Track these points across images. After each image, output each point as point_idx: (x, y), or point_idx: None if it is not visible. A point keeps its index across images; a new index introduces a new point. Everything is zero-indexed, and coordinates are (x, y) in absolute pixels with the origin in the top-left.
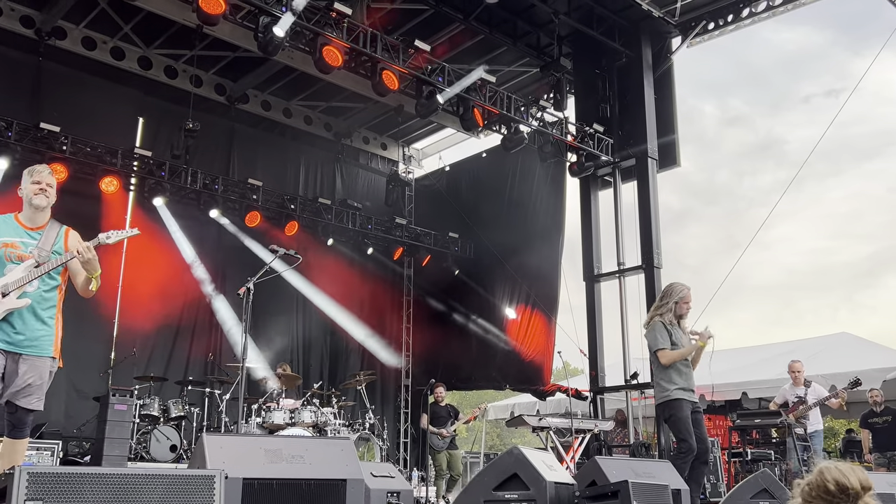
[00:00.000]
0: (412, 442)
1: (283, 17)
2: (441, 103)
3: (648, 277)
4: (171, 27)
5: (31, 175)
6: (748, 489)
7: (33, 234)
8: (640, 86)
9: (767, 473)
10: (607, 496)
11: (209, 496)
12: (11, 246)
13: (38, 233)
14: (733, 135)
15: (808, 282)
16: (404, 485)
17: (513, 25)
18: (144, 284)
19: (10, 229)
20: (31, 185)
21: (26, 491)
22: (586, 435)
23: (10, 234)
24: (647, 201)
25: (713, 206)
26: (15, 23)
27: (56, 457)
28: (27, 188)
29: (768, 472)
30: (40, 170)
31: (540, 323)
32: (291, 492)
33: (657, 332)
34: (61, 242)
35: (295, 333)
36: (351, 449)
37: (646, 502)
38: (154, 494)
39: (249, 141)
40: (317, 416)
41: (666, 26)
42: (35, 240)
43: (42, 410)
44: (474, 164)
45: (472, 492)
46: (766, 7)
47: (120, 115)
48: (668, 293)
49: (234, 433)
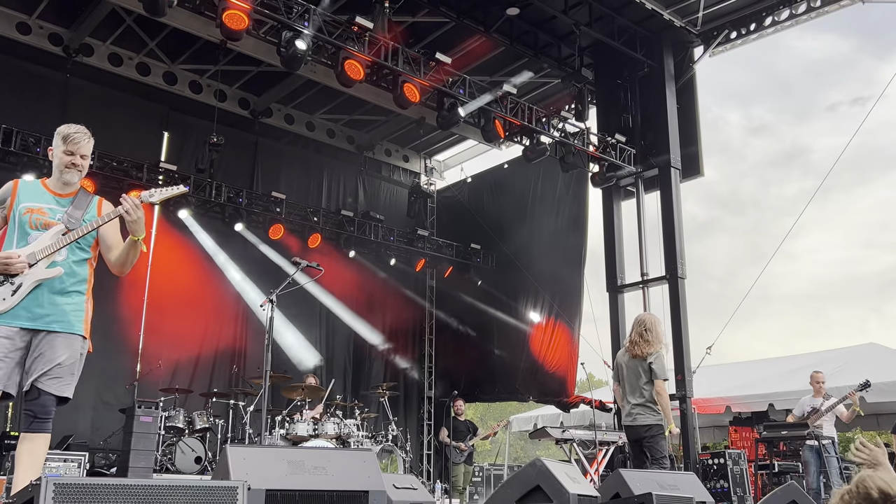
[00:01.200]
0: (435, 454)
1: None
2: (462, 115)
3: (672, 288)
4: (196, 43)
5: (65, 142)
6: (775, 502)
7: (62, 201)
8: (663, 95)
9: (795, 486)
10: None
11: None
12: (38, 212)
13: (67, 200)
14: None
15: (835, 292)
16: (427, 497)
17: (534, 37)
18: (170, 296)
19: (36, 194)
20: (64, 156)
21: (52, 502)
22: (610, 447)
23: (37, 199)
24: (670, 211)
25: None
26: (44, 40)
27: (83, 468)
28: (59, 156)
29: (795, 484)
30: (77, 138)
31: (563, 334)
32: (314, 503)
33: (664, 362)
34: (94, 212)
35: (318, 345)
36: (373, 460)
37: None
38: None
39: (273, 154)
40: (340, 427)
41: (688, 36)
42: (64, 207)
43: (71, 398)
44: (496, 175)
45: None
46: (789, 15)
47: (145, 129)
48: (658, 325)
49: (258, 444)
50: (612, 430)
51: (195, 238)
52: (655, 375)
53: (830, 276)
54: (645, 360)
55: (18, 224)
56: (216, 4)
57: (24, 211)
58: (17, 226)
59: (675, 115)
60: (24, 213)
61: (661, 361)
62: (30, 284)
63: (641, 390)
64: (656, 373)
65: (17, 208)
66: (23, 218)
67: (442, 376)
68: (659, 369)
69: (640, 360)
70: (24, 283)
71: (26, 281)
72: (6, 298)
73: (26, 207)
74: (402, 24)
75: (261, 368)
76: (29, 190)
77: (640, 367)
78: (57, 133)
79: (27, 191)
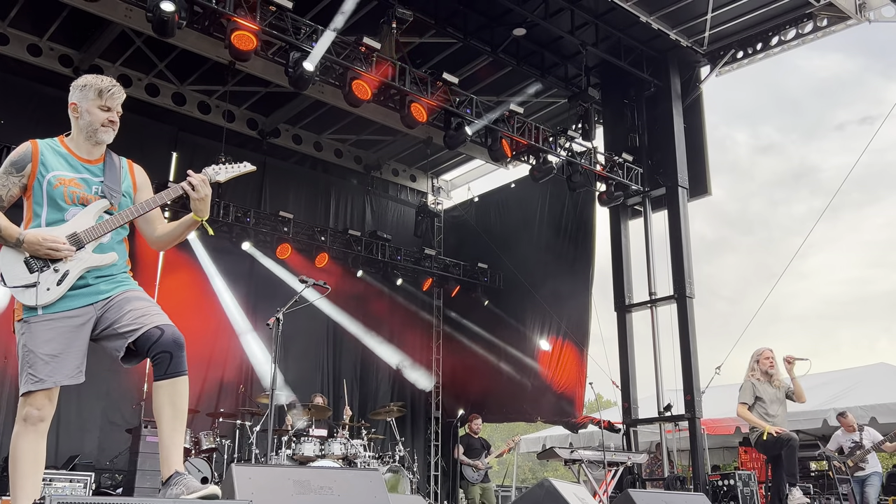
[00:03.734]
0: (442, 475)
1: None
2: (469, 135)
3: (681, 307)
4: (205, 64)
5: (100, 95)
6: None
7: (93, 170)
8: (670, 115)
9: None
10: None
11: None
12: (72, 183)
13: (97, 167)
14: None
15: (846, 311)
16: None
17: (540, 57)
18: (176, 316)
19: (61, 161)
20: (100, 112)
21: None
22: (619, 468)
23: (65, 167)
24: (678, 230)
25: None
26: (54, 62)
27: (88, 489)
28: (93, 113)
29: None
30: (115, 91)
31: (571, 354)
32: None
33: (746, 390)
34: (129, 180)
35: (325, 365)
36: (380, 480)
37: None
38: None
39: (281, 174)
40: (346, 448)
41: (694, 55)
42: (97, 176)
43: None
44: (503, 195)
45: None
46: (796, 35)
47: (154, 149)
48: (751, 357)
49: (264, 464)
50: (621, 451)
51: (201, 258)
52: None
53: (840, 295)
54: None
55: (48, 196)
56: (225, 26)
57: (56, 182)
58: (47, 198)
59: (682, 134)
60: (56, 185)
61: (744, 389)
62: (78, 272)
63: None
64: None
65: (43, 177)
66: (55, 191)
67: (449, 396)
68: (740, 395)
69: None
70: (71, 270)
71: (74, 268)
72: (51, 288)
73: (58, 178)
74: (410, 45)
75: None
76: (54, 156)
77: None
78: (85, 86)
79: (52, 157)
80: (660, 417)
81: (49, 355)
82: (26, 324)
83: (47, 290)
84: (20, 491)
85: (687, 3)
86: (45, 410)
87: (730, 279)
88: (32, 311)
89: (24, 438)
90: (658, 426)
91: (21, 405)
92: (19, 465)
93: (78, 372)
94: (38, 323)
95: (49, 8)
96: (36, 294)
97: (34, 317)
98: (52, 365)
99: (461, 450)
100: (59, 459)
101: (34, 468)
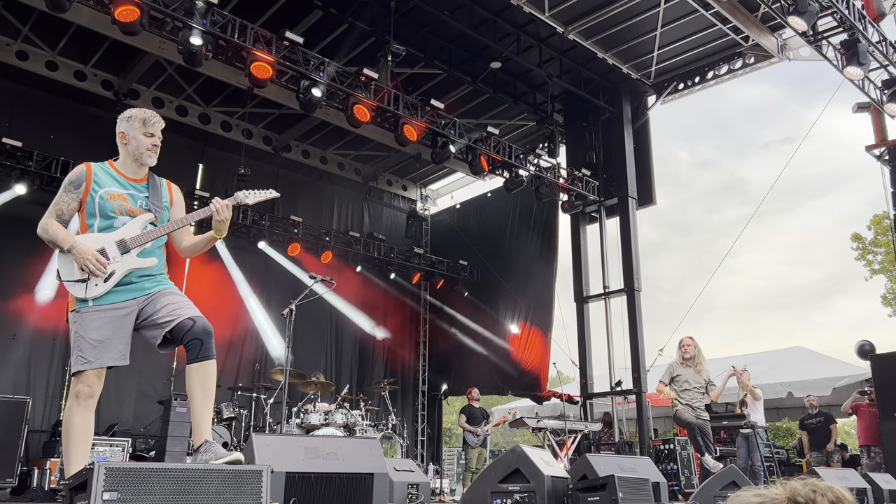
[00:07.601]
0: (428, 440)
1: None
2: (453, 152)
3: (630, 299)
4: (227, 89)
5: (144, 124)
6: (718, 482)
7: (139, 187)
8: (621, 136)
9: (734, 468)
10: (597, 488)
11: (258, 488)
12: (120, 198)
13: (142, 185)
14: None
15: (768, 302)
16: (422, 478)
17: (513, 86)
18: (201, 304)
19: (111, 179)
20: (145, 138)
21: (104, 484)
22: (578, 435)
23: (114, 184)
24: (627, 234)
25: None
26: (97, 86)
27: (126, 452)
28: (139, 139)
29: (735, 467)
30: (156, 121)
31: (537, 338)
32: (327, 484)
33: (666, 370)
34: (167, 197)
35: (328, 346)
36: (377, 447)
37: (629, 493)
38: (211, 486)
39: (292, 183)
40: (347, 417)
41: (643, 86)
42: (142, 192)
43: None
44: (481, 203)
45: (481, 484)
46: (728, 70)
47: (182, 162)
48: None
49: (278, 433)
50: (580, 421)
51: (223, 255)
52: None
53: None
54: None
55: (100, 209)
56: (245, 57)
57: (108, 196)
58: (99, 210)
59: (632, 153)
60: (107, 199)
61: (665, 369)
62: (123, 272)
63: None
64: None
65: (96, 193)
66: (106, 204)
67: (434, 373)
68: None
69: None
70: (117, 270)
71: (119, 269)
72: (98, 284)
73: (108, 193)
74: (402, 75)
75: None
76: (104, 175)
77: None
78: (131, 118)
79: (104, 176)
80: (611, 391)
81: (97, 340)
82: (78, 314)
83: (95, 286)
84: (73, 458)
85: (637, 42)
86: (95, 388)
87: (671, 274)
88: (84, 302)
89: (76, 412)
90: (610, 399)
91: (74, 384)
92: (72, 436)
93: (122, 356)
94: (89, 313)
95: (93, 39)
96: (86, 288)
97: (86, 307)
98: (98, 349)
99: (464, 418)
100: (100, 427)
101: (85, 438)
